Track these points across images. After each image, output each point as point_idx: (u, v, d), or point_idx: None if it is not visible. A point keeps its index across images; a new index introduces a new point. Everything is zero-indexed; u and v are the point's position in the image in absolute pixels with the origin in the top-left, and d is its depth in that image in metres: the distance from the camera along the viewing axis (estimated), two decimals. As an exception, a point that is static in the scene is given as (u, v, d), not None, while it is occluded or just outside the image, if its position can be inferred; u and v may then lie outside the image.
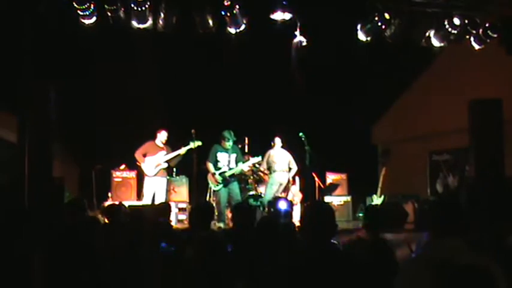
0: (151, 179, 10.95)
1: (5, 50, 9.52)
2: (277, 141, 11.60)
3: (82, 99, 11.76)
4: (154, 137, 11.07)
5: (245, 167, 11.19)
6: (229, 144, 10.79)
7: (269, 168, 11.59)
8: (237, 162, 10.90)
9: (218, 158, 10.83)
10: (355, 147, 13.72)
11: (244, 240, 4.90)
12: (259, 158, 11.27)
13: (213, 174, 10.81)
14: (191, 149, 10.87)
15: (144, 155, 10.96)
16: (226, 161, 10.84)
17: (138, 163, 11.08)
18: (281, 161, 11.48)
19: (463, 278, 2.62)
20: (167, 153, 10.97)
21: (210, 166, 10.83)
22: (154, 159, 10.91)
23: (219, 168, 10.80)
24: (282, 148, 11.62)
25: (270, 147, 11.62)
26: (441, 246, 3.25)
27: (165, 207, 7.58)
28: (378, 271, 3.96)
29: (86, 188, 11.62)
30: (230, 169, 10.82)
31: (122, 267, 4.59)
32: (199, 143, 10.85)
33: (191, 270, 3.98)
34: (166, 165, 10.99)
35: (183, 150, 10.96)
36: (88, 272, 4.01)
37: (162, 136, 11.05)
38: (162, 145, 11.05)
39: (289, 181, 11.66)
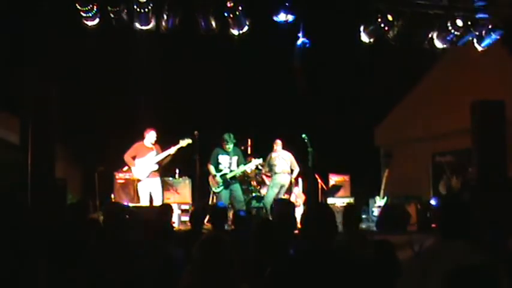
0: (144, 181, 10.84)
1: (7, 51, 9.54)
2: (278, 143, 11.59)
3: (84, 101, 11.76)
4: (142, 138, 10.87)
5: (246, 168, 11.18)
6: (229, 146, 10.79)
7: (270, 170, 11.58)
8: (238, 165, 10.90)
9: (219, 160, 10.82)
10: (358, 148, 13.70)
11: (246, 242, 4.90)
12: (260, 160, 11.26)
13: (214, 176, 10.82)
14: (182, 147, 10.79)
15: (134, 157, 10.81)
16: (227, 163, 10.84)
17: (128, 166, 11.00)
18: (282, 163, 11.45)
19: (468, 278, 2.61)
20: (157, 154, 10.83)
21: (211, 168, 10.83)
22: (144, 161, 10.77)
23: (220, 170, 10.80)
24: (283, 150, 11.60)
25: (273, 149, 11.61)
26: (447, 248, 3.25)
27: (166, 209, 7.58)
28: (380, 272, 3.96)
29: (89, 189, 11.61)
30: (231, 171, 10.81)
31: (123, 268, 4.59)
32: (189, 141, 10.75)
33: (197, 270, 3.98)
34: (157, 167, 10.85)
35: (173, 150, 10.81)
36: (87, 273, 4.01)
37: (150, 136, 10.81)
38: (151, 145, 10.84)
39: (291, 182, 11.65)
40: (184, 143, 10.74)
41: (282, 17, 9.62)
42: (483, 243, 3.59)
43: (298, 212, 10.58)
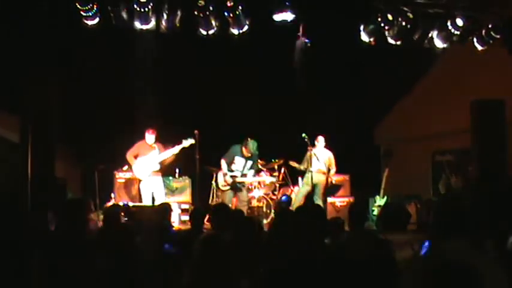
0: (146, 180, 10.84)
1: (7, 50, 9.53)
2: (320, 140, 11.64)
3: (84, 100, 11.76)
4: (143, 137, 10.92)
5: (258, 180, 11.22)
6: (248, 154, 10.76)
7: (307, 168, 11.59)
8: (251, 168, 10.88)
9: (235, 161, 10.77)
10: (358, 148, 13.70)
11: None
12: (273, 179, 11.36)
13: (225, 174, 10.77)
14: (185, 148, 10.79)
15: (136, 156, 10.82)
16: (241, 166, 10.80)
17: (128, 165, 11.02)
18: (317, 162, 11.46)
19: (454, 277, 2.60)
20: (160, 153, 10.84)
21: (224, 165, 10.77)
22: (146, 160, 10.78)
23: (232, 171, 10.76)
24: (324, 148, 11.60)
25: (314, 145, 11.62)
26: (442, 248, 3.24)
27: (165, 208, 7.57)
28: (378, 271, 3.94)
29: (89, 188, 11.61)
30: (242, 175, 10.78)
31: (124, 268, 4.59)
32: (192, 142, 10.74)
33: (197, 269, 3.99)
34: (158, 167, 10.87)
35: (176, 150, 10.83)
36: (87, 272, 4.02)
37: (149, 136, 10.87)
38: (153, 144, 10.89)
39: (327, 182, 11.66)
40: (187, 143, 10.74)
41: (282, 16, 9.62)
42: (482, 243, 3.58)
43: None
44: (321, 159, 11.50)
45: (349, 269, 3.45)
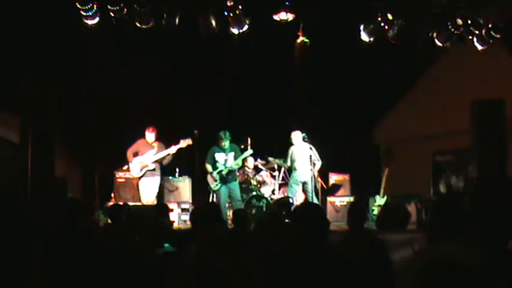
0: (144, 179, 10.86)
1: (7, 49, 9.54)
2: (295, 135, 11.39)
3: (84, 99, 11.76)
4: (144, 135, 10.92)
5: (239, 162, 11.06)
6: (225, 144, 10.72)
7: (291, 166, 11.51)
8: (236, 160, 10.86)
9: (216, 158, 10.78)
10: (358, 147, 13.70)
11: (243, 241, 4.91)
12: (250, 151, 11.20)
13: (211, 173, 10.80)
14: (181, 148, 10.78)
15: (136, 154, 10.80)
16: (223, 160, 10.78)
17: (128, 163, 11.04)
18: (302, 158, 11.27)
19: (441, 276, 2.59)
20: (158, 152, 10.82)
21: (208, 167, 10.80)
22: (142, 159, 10.78)
23: (217, 168, 10.77)
24: (303, 142, 11.34)
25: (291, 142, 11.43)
26: (440, 248, 3.24)
27: (163, 208, 7.58)
28: (373, 271, 3.94)
29: (89, 188, 11.60)
30: (226, 167, 10.78)
31: (123, 267, 4.59)
32: (189, 142, 10.74)
33: (195, 268, 3.99)
34: (153, 166, 10.80)
35: (173, 150, 10.81)
36: (88, 272, 4.01)
37: (149, 134, 10.86)
38: (153, 143, 10.88)
39: (315, 178, 11.47)
40: (184, 143, 10.74)
41: (281, 16, 9.63)
42: (481, 244, 3.58)
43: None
44: (304, 154, 11.33)
45: (347, 269, 3.45)
